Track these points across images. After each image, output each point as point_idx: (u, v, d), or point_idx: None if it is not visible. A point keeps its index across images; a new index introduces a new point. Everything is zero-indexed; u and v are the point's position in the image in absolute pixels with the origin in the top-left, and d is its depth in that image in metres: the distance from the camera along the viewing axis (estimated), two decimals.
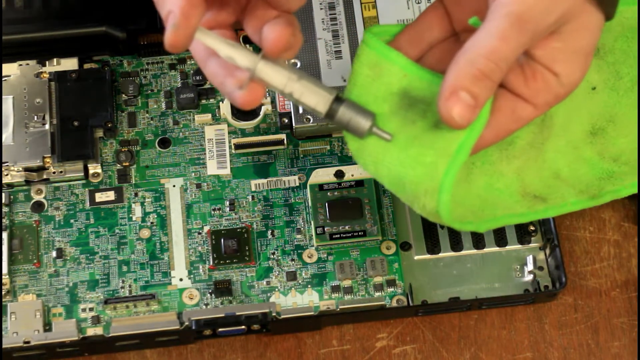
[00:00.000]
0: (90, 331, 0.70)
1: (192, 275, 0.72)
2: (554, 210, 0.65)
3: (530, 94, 0.58)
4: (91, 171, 0.74)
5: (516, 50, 0.56)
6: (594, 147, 0.67)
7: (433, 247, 0.72)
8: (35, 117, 0.74)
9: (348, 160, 0.75)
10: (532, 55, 0.58)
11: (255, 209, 0.74)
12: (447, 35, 0.63)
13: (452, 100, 0.55)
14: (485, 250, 0.72)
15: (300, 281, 0.72)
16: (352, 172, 0.74)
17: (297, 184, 0.74)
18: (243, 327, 0.69)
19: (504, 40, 0.55)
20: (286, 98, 0.59)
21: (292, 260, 0.72)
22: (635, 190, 0.67)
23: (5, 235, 0.72)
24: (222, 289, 0.71)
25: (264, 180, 0.74)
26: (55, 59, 0.76)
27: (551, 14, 0.56)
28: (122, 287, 0.71)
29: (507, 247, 0.73)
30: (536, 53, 0.58)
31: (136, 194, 0.74)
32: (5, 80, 0.75)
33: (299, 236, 0.73)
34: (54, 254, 0.72)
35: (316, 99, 0.58)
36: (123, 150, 0.75)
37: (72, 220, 0.73)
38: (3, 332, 0.69)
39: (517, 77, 0.58)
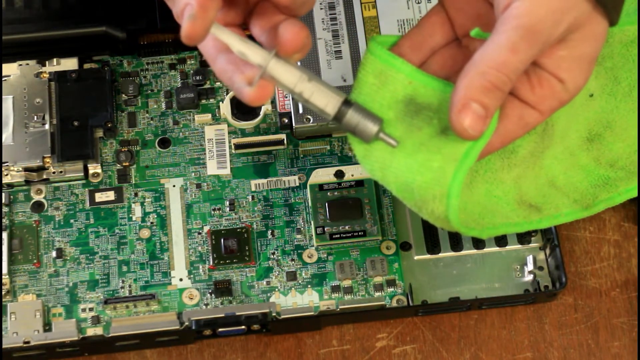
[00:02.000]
0: (90, 331, 0.70)
1: (192, 275, 0.72)
2: (548, 221, 0.65)
3: (536, 101, 0.59)
4: (91, 171, 0.74)
5: (526, 61, 0.56)
6: (590, 153, 0.67)
7: (433, 247, 0.72)
8: (35, 117, 0.74)
9: (348, 160, 0.75)
10: (538, 62, 0.58)
11: (255, 209, 0.74)
12: (449, 41, 0.63)
13: (464, 112, 0.56)
14: (485, 250, 0.72)
15: (300, 281, 0.72)
16: (352, 172, 0.74)
17: (297, 184, 0.74)
18: (243, 327, 0.69)
19: (515, 52, 0.56)
20: (295, 98, 0.59)
21: (292, 260, 0.72)
22: (629, 196, 0.67)
23: (5, 235, 0.72)
24: (222, 289, 0.71)
25: (264, 180, 0.74)
26: (55, 59, 0.76)
27: (561, 25, 0.56)
28: (122, 287, 0.71)
29: (507, 247, 0.73)
30: (542, 61, 0.58)
31: (136, 194, 0.74)
32: (5, 80, 0.75)
33: (299, 236, 0.73)
34: (54, 254, 0.72)
35: (325, 101, 0.58)
36: (123, 150, 0.75)
37: (72, 220, 0.73)
38: (3, 332, 0.69)
39: (524, 85, 0.58)
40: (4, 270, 0.71)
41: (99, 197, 0.74)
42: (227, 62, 0.58)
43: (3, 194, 0.73)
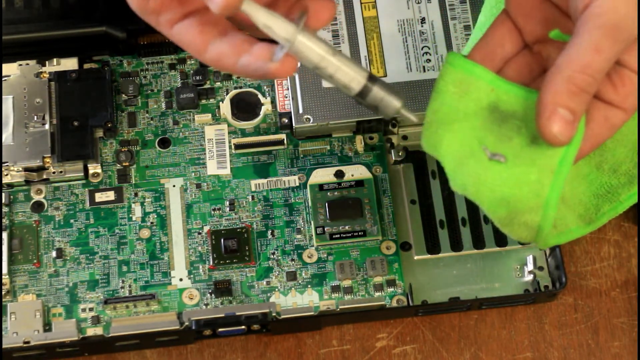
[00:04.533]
0: (90, 331, 0.70)
1: (192, 275, 0.72)
2: (564, 236, 0.65)
3: (620, 100, 0.58)
4: (91, 171, 0.74)
5: (611, 60, 0.56)
6: (591, 161, 0.67)
7: (433, 247, 0.72)
8: (35, 117, 0.74)
9: (348, 160, 0.75)
10: (619, 60, 0.57)
11: (255, 209, 0.74)
12: (519, 49, 0.62)
13: (552, 119, 0.55)
14: (485, 250, 0.72)
15: (300, 281, 0.72)
16: (352, 172, 0.74)
17: (297, 184, 0.74)
18: (243, 327, 0.69)
19: (599, 52, 0.55)
20: (317, 73, 0.57)
21: (292, 260, 0.72)
22: (631, 203, 0.67)
23: (5, 235, 0.72)
24: (222, 289, 0.71)
25: (264, 180, 0.74)
26: (55, 59, 0.76)
27: None
28: (122, 287, 0.71)
29: (507, 247, 0.72)
30: (623, 58, 0.57)
31: (136, 194, 0.74)
32: (5, 80, 0.75)
33: (299, 236, 0.73)
34: (53, 254, 0.72)
35: (351, 76, 0.57)
36: (123, 150, 0.75)
37: (72, 220, 0.73)
38: (3, 332, 0.69)
39: (606, 85, 0.58)
40: (4, 270, 0.71)
41: (99, 197, 0.74)
42: (226, 45, 0.56)
43: (3, 194, 0.73)
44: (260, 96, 0.76)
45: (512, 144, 0.59)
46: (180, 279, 0.72)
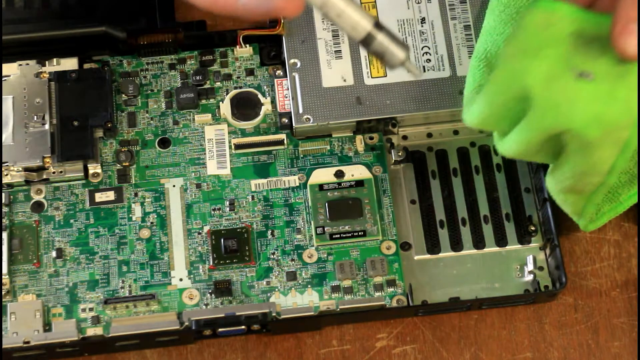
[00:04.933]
0: (90, 331, 0.70)
1: (192, 275, 0.72)
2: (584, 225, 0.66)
3: None
4: (91, 171, 0.74)
5: None
6: None
7: (433, 247, 0.72)
8: (35, 117, 0.74)
9: (348, 160, 0.75)
10: None
11: (255, 209, 0.74)
12: None
13: (624, 34, 0.56)
14: (485, 250, 0.72)
15: (300, 281, 0.72)
16: (352, 172, 0.74)
17: (297, 184, 0.74)
18: (243, 327, 0.69)
19: None
20: (323, 13, 0.56)
21: (292, 260, 0.72)
22: (631, 203, 0.67)
23: (5, 235, 0.72)
24: (222, 289, 0.71)
25: (264, 180, 0.74)
26: (55, 59, 0.76)
27: None
28: (122, 287, 0.71)
29: (507, 247, 0.73)
30: None
31: (136, 194, 0.74)
32: (5, 80, 0.75)
33: (299, 236, 0.73)
34: (53, 254, 0.72)
35: (357, 19, 0.56)
36: (123, 150, 0.75)
37: (72, 220, 0.73)
38: (3, 332, 0.69)
39: None
40: (4, 270, 0.71)
41: (99, 197, 0.74)
42: None
43: (3, 194, 0.73)
44: (260, 96, 0.76)
45: (599, 63, 0.59)
46: (180, 279, 0.72)
